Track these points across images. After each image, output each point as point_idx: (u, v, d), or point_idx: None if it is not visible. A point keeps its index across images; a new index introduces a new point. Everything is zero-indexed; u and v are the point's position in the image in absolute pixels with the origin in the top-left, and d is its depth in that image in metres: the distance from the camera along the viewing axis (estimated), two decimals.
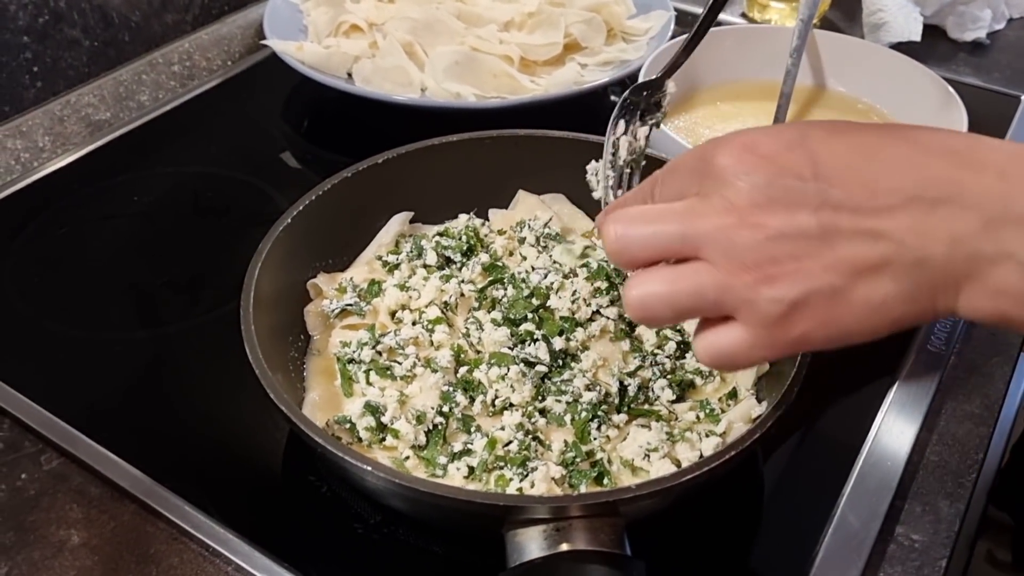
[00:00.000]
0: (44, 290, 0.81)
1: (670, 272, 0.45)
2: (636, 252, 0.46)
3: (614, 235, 0.47)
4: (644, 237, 0.46)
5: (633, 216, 0.47)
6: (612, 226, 0.47)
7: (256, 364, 0.59)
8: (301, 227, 0.71)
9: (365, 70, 1.00)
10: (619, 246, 0.47)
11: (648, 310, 0.46)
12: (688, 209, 0.45)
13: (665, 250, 0.46)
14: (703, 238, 0.44)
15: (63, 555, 0.60)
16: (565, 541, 0.51)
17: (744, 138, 0.45)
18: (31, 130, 0.96)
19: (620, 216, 0.47)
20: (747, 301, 0.43)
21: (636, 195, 0.51)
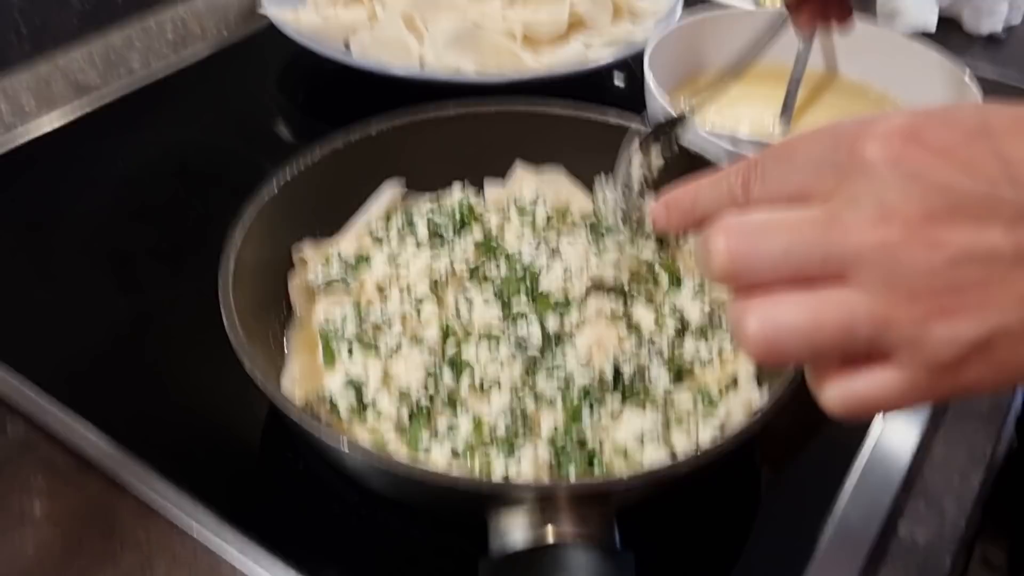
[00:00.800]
0: (22, 253, 0.78)
1: (808, 299, 0.35)
2: (759, 274, 0.36)
3: (726, 250, 0.36)
4: (771, 255, 0.35)
5: (752, 227, 0.36)
6: (721, 238, 0.36)
7: (233, 334, 0.56)
8: (287, 196, 0.68)
9: (363, 41, 0.97)
10: (735, 266, 0.36)
11: (776, 346, 0.35)
12: (830, 218, 0.34)
13: (799, 272, 0.35)
14: (855, 257, 0.34)
15: (24, 527, 0.57)
16: (552, 529, 0.48)
17: (901, 122, 0.35)
18: (16, 91, 0.94)
19: (731, 226, 0.36)
20: (912, 340, 0.34)
21: (716, 186, 0.40)
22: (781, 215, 0.36)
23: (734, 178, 0.38)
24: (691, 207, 0.40)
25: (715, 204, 0.39)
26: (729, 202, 0.38)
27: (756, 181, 0.38)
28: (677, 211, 0.41)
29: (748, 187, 0.38)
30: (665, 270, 0.69)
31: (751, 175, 0.38)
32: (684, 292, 0.67)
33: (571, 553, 0.48)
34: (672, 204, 0.41)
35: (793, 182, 0.36)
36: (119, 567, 0.55)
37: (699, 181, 0.41)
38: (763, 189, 0.37)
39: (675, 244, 0.74)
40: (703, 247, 0.37)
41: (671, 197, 0.42)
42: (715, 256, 0.36)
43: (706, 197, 0.40)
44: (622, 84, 1.08)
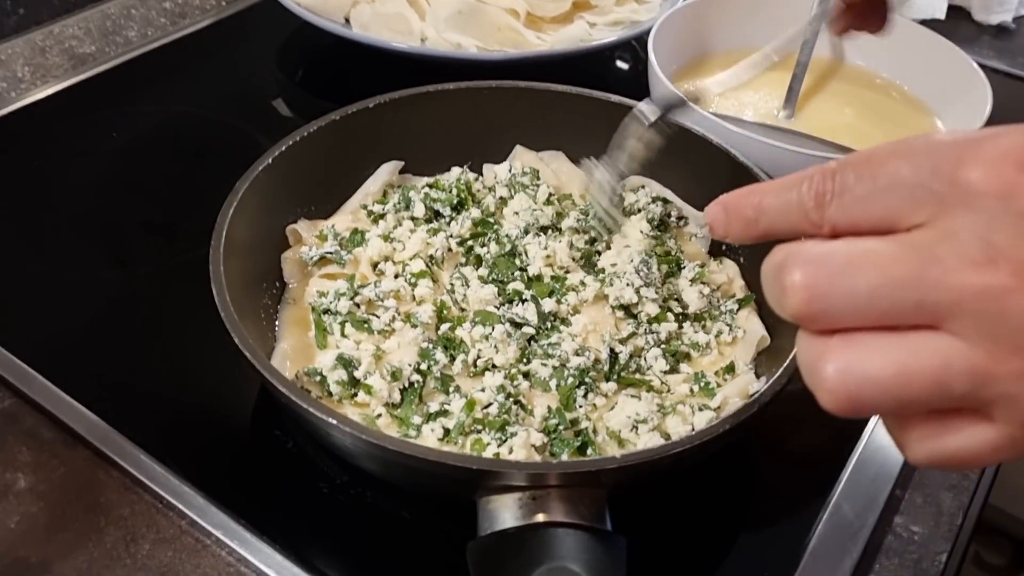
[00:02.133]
0: (12, 223, 0.77)
1: (897, 346, 0.30)
2: (840, 317, 0.31)
3: (804, 288, 0.31)
4: (856, 296, 0.31)
5: (834, 261, 0.31)
6: (798, 272, 0.31)
7: (223, 308, 0.55)
8: (282, 170, 0.67)
9: (363, 15, 0.96)
10: (813, 307, 0.31)
11: (858, 399, 0.31)
12: (926, 255, 0.30)
13: (887, 316, 0.31)
14: (954, 304, 0.29)
15: (7, 499, 0.56)
16: (541, 511, 0.47)
17: (1009, 143, 0.30)
18: (10, 59, 0.92)
19: (809, 258, 0.31)
20: (1015, 397, 0.30)
21: (784, 196, 0.34)
22: (867, 247, 0.31)
23: (806, 190, 0.33)
24: (754, 217, 0.36)
25: (783, 219, 0.35)
26: (800, 219, 0.34)
27: (833, 198, 0.33)
28: (738, 219, 0.36)
29: (823, 204, 0.33)
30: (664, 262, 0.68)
31: (826, 189, 0.33)
32: (683, 278, 0.66)
33: (561, 534, 0.47)
34: (732, 209, 0.36)
35: (879, 205, 0.32)
36: (103, 542, 0.54)
37: (762, 187, 0.36)
38: (842, 209, 0.33)
39: (676, 226, 0.73)
40: (775, 279, 0.33)
41: (730, 201, 0.37)
42: (790, 293, 0.32)
43: (772, 208, 0.35)
44: (625, 66, 1.07)
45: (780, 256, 0.33)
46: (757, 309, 0.66)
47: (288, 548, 0.54)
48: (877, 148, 0.33)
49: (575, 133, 0.77)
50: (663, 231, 0.71)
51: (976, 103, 0.82)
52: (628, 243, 0.69)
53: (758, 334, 0.63)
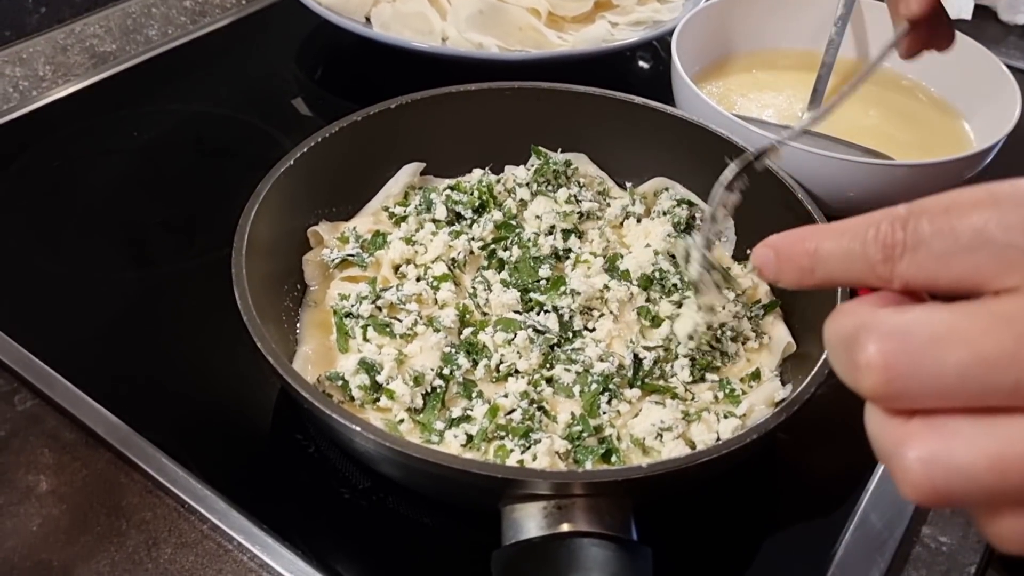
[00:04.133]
0: (34, 223, 0.77)
1: (989, 433, 0.27)
2: (923, 399, 0.28)
3: (883, 367, 0.28)
4: (943, 377, 0.27)
5: (917, 337, 0.28)
6: (874, 347, 0.28)
7: (245, 311, 0.55)
8: (304, 171, 0.66)
9: (384, 15, 0.95)
10: (892, 388, 0.28)
11: (945, 492, 0.28)
12: (1019, 328, 0.27)
13: (977, 399, 0.27)
14: None
15: (30, 501, 0.56)
16: (566, 521, 0.47)
17: None
18: (32, 57, 0.92)
19: (886, 333, 0.28)
20: None
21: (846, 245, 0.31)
22: (954, 320, 0.27)
23: (872, 239, 0.30)
24: (810, 266, 0.32)
25: (844, 270, 0.31)
26: (864, 271, 0.30)
27: (905, 251, 0.29)
28: (791, 267, 0.33)
29: (893, 257, 0.29)
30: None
31: (896, 240, 0.29)
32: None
33: (586, 544, 0.47)
34: (784, 256, 0.33)
35: (961, 264, 0.28)
36: (124, 546, 0.54)
37: (818, 231, 0.32)
38: (917, 266, 0.29)
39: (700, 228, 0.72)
40: (844, 351, 0.29)
41: (782, 246, 0.33)
42: (866, 373, 0.28)
43: (831, 257, 0.32)
44: (647, 65, 1.06)
45: (849, 326, 0.29)
46: (783, 314, 0.65)
47: (309, 553, 0.54)
48: (956, 196, 0.29)
49: (597, 134, 0.77)
50: (688, 234, 0.70)
51: (1004, 106, 0.81)
52: (649, 243, 0.68)
53: (784, 340, 0.62)
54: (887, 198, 0.76)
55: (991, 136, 0.77)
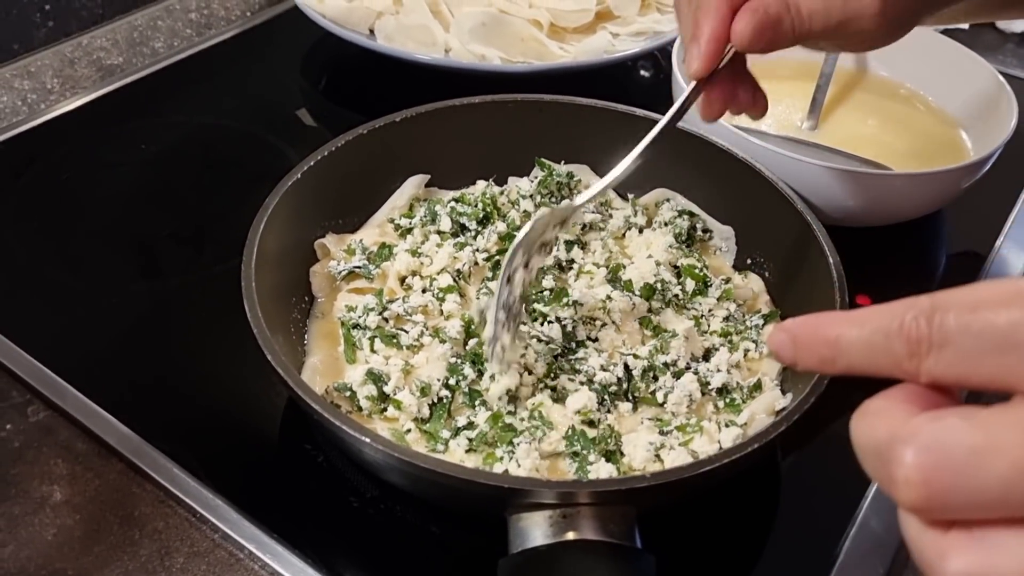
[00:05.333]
0: (43, 236, 0.78)
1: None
2: (964, 513, 0.27)
3: (922, 482, 0.27)
4: (985, 490, 0.26)
5: (956, 449, 0.27)
6: (911, 457, 0.27)
7: (255, 323, 0.56)
8: (311, 184, 0.67)
9: (388, 27, 0.96)
10: (933, 502, 0.27)
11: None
12: None
13: (1020, 511, 0.27)
14: None
15: (44, 512, 0.57)
16: (572, 529, 0.48)
17: None
18: (40, 71, 0.93)
19: (924, 444, 0.27)
20: None
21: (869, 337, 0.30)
22: (992, 431, 0.27)
23: (896, 333, 0.29)
24: (831, 356, 0.31)
25: (867, 363, 0.30)
26: (889, 366, 0.29)
27: (932, 348, 0.28)
28: (811, 355, 0.32)
29: (919, 353, 0.29)
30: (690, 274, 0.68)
31: (921, 336, 0.28)
32: (710, 296, 0.67)
33: (591, 552, 0.48)
34: (803, 344, 0.32)
35: (990, 365, 0.27)
36: (137, 555, 0.55)
37: (839, 319, 0.31)
38: (945, 364, 0.28)
39: (701, 239, 0.73)
40: (878, 461, 0.29)
41: (801, 334, 0.32)
42: (905, 488, 0.27)
43: (853, 348, 0.31)
44: (648, 74, 1.07)
45: (883, 434, 0.28)
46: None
47: (319, 562, 0.55)
48: (983, 290, 0.28)
49: (600, 145, 0.77)
50: (689, 245, 0.71)
51: (1001, 115, 0.82)
52: (651, 253, 0.69)
53: None
54: (886, 207, 0.78)
55: (988, 145, 0.78)
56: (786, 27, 0.52)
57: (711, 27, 0.53)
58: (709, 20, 0.53)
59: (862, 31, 0.53)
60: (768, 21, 0.52)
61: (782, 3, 0.52)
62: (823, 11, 0.52)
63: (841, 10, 0.52)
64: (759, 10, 0.52)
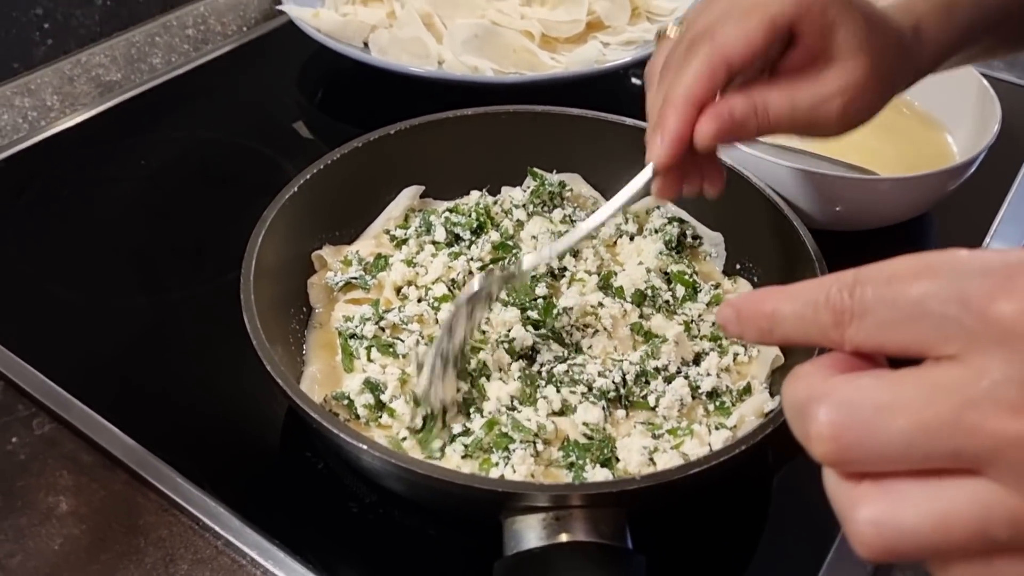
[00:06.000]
0: (46, 251, 0.79)
1: (934, 494, 0.29)
2: (872, 463, 0.29)
3: (832, 436, 0.29)
4: (889, 444, 0.29)
5: (863, 405, 0.29)
6: (824, 414, 0.30)
7: (254, 335, 0.57)
8: (307, 197, 0.69)
9: (382, 40, 0.98)
10: (843, 454, 0.29)
11: (894, 548, 0.29)
12: (960, 398, 0.28)
13: (922, 464, 0.29)
14: (993, 451, 0.28)
15: (50, 522, 0.58)
16: (564, 531, 0.49)
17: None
18: (40, 88, 0.95)
19: (835, 401, 0.30)
20: None
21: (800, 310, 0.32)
22: (898, 390, 0.29)
23: (823, 305, 0.31)
24: (768, 328, 0.34)
25: (800, 332, 0.33)
26: (818, 335, 0.32)
27: (853, 317, 0.31)
28: (751, 327, 0.35)
29: (843, 323, 0.31)
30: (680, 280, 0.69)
31: (844, 306, 0.31)
32: (700, 302, 0.68)
33: (582, 553, 0.49)
34: (745, 317, 0.35)
35: (905, 333, 0.30)
36: (143, 563, 0.56)
37: (775, 294, 0.34)
38: (864, 333, 0.31)
39: (691, 245, 0.75)
40: (798, 418, 0.31)
41: (743, 308, 0.35)
42: (817, 441, 0.30)
43: (787, 320, 0.33)
44: (639, 82, 1.08)
45: (802, 392, 0.31)
46: None
47: (320, 566, 0.56)
48: (898, 265, 0.30)
49: (591, 155, 0.79)
50: (680, 251, 0.73)
51: (985, 119, 0.83)
52: (641, 260, 0.71)
53: (772, 353, 0.64)
54: (874, 211, 0.79)
55: (973, 148, 0.80)
56: (750, 128, 0.54)
57: (675, 127, 0.53)
58: (673, 119, 0.53)
59: (822, 131, 0.55)
60: (733, 125, 0.53)
61: (749, 106, 0.53)
62: (788, 114, 0.53)
63: (806, 116, 0.53)
64: (724, 115, 0.53)
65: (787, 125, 0.54)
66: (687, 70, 0.53)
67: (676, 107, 0.53)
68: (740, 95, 0.53)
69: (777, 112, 0.53)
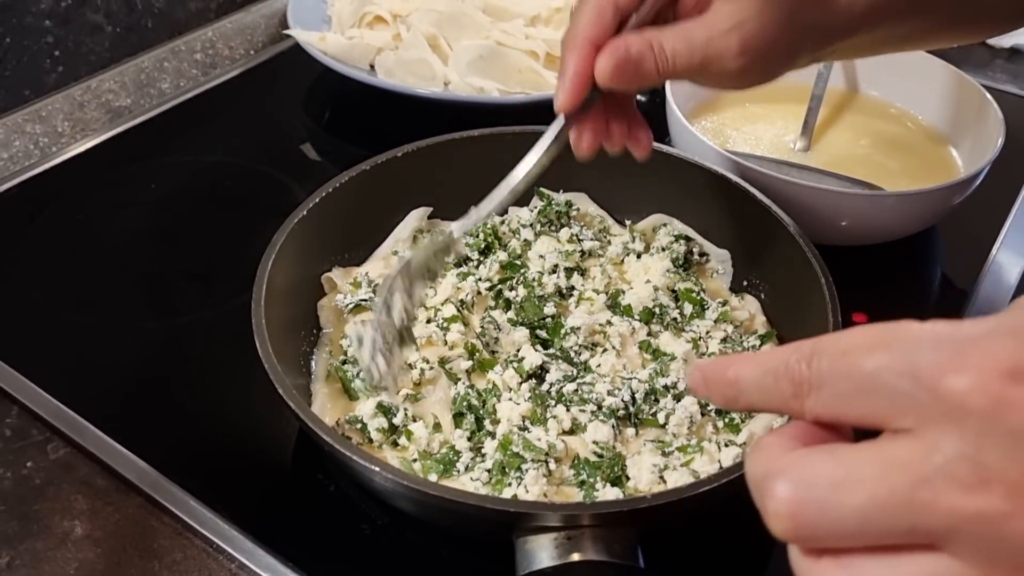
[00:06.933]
0: (58, 276, 0.80)
1: (891, 570, 0.29)
2: (829, 540, 0.29)
3: (789, 513, 0.29)
4: (844, 520, 0.29)
5: (819, 482, 0.29)
6: (781, 489, 0.30)
7: (265, 358, 0.57)
8: (316, 220, 0.69)
9: (388, 62, 0.99)
10: (800, 531, 0.29)
11: None
12: (911, 474, 0.28)
13: (878, 540, 0.29)
14: (948, 528, 0.27)
15: (66, 546, 0.59)
16: (576, 551, 0.50)
17: (995, 350, 0.28)
18: (51, 115, 0.96)
19: (792, 477, 0.30)
20: None
21: (761, 379, 0.33)
22: (852, 467, 0.29)
23: (783, 375, 0.31)
24: (734, 395, 0.34)
25: (763, 401, 0.33)
26: (780, 404, 0.32)
27: (811, 389, 0.31)
28: (717, 393, 0.35)
29: (801, 394, 0.31)
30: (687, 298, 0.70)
31: (802, 378, 0.31)
32: (707, 319, 0.68)
33: (595, 572, 0.49)
34: (711, 383, 0.35)
35: (859, 406, 0.30)
36: None
37: (739, 362, 0.34)
38: (822, 404, 0.31)
39: (698, 262, 0.75)
40: (758, 493, 0.31)
41: (709, 374, 0.35)
42: (775, 519, 0.30)
43: (750, 389, 0.33)
44: (644, 99, 1.09)
45: (761, 467, 0.31)
46: (779, 344, 0.68)
47: None
48: (855, 336, 0.30)
49: (597, 174, 0.79)
50: (687, 269, 0.73)
51: (990, 132, 0.84)
52: (649, 278, 0.71)
53: None
54: (880, 226, 0.79)
55: (978, 161, 0.80)
56: (649, 66, 0.54)
57: (574, 64, 0.54)
58: (573, 57, 0.54)
59: (726, 71, 0.55)
60: (630, 59, 0.53)
61: (644, 42, 0.53)
62: (686, 51, 0.54)
63: (703, 50, 0.53)
64: (620, 48, 0.53)
65: (686, 63, 0.54)
66: (579, 15, 0.54)
67: (571, 49, 0.54)
68: (635, 33, 0.54)
69: (674, 48, 0.54)
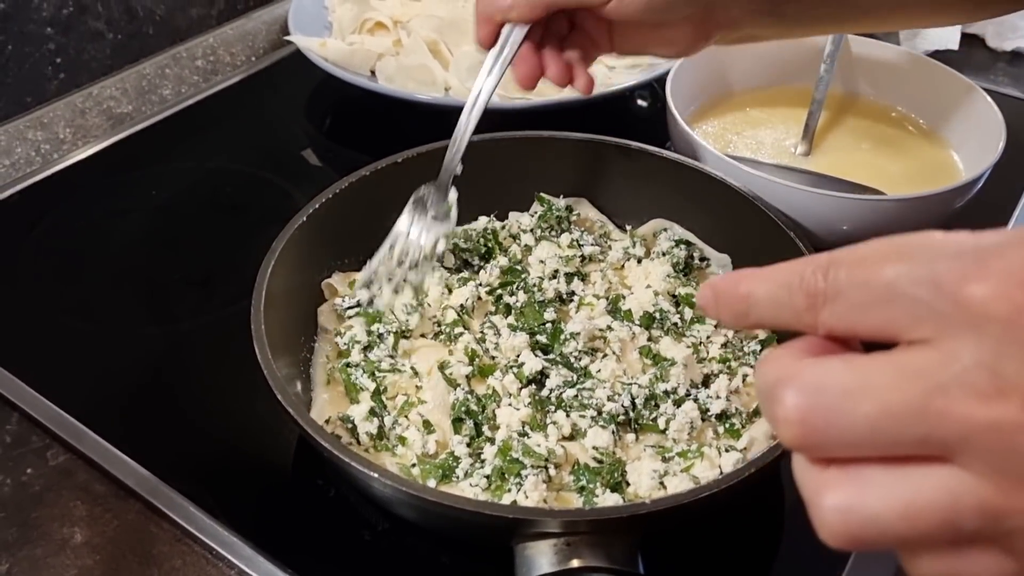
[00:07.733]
0: (59, 282, 0.80)
1: (901, 481, 0.28)
2: (839, 449, 0.29)
3: (799, 420, 0.29)
4: (855, 429, 0.28)
5: (831, 390, 0.29)
6: (791, 398, 0.29)
7: (265, 364, 0.57)
8: (316, 225, 0.69)
9: (388, 68, 0.99)
10: (809, 439, 0.29)
11: (860, 537, 0.28)
12: (929, 384, 0.27)
13: (888, 450, 0.28)
14: (961, 439, 0.27)
15: (65, 553, 0.59)
16: (576, 557, 0.49)
17: (1017, 260, 0.27)
18: (52, 122, 0.96)
19: (803, 385, 0.29)
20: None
21: (774, 292, 0.32)
22: (866, 375, 0.28)
23: (797, 288, 0.31)
24: (744, 310, 0.33)
25: (774, 315, 0.32)
26: (792, 318, 0.31)
27: (826, 301, 0.30)
28: (727, 309, 0.34)
29: (816, 306, 0.30)
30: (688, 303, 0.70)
31: (817, 290, 0.30)
32: (708, 324, 0.68)
33: None
34: (722, 299, 0.34)
35: (876, 316, 0.29)
36: None
37: (752, 276, 0.33)
38: (836, 316, 0.30)
39: (698, 267, 0.75)
40: (767, 400, 0.30)
41: (721, 288, 0.34)
42: (784, 425, 0.29)
43: (762, 303, 0.32)
44: (645, 104, 1.09)
45: (771, 375, 0.30)
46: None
47: None
48: (871, 248, 0.30)
49: (597, 179, 0.80)
50: (687, 274, 0.73)
51: (991, 136, 0.83)
52: (649, 283, 0.71)
53: None
54: (880, 230, 0.78)
55: (979, 165, 0.80)
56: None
57: None
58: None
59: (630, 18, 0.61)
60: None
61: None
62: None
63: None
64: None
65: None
66: None
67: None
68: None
69: None
